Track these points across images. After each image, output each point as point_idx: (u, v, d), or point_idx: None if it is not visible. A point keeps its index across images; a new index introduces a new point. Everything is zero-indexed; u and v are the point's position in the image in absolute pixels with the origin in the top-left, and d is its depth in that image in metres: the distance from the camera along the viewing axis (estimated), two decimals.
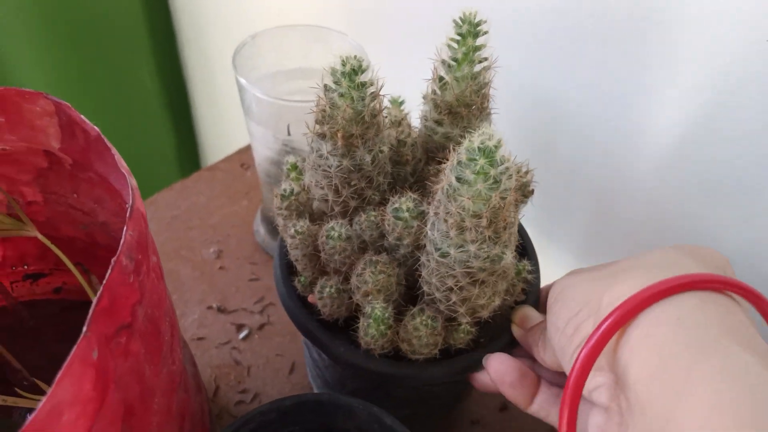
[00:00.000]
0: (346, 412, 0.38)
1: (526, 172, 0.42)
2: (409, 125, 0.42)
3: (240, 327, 0.61)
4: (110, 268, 0.26)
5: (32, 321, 0.48)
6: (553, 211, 0.64)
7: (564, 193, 0.62)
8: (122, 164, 0.32)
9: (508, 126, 0.62)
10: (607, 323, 0.31)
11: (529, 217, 0.66)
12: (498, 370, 0.39)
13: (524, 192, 0.43)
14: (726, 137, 0.46)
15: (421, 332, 0.38)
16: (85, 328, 0.24)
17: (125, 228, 0.28)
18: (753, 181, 0.46)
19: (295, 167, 0.44)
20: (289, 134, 0.54)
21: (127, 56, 1.10)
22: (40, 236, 0.40)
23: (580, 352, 0.32)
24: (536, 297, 0.44)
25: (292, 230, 0.40)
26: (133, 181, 0.31)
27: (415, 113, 0.44)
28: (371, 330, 0.38)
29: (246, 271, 0.66)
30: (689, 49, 0.45)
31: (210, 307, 0.62)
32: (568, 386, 0.32)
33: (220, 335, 0.60)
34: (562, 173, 0.60)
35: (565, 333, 0.34)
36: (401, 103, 0.44)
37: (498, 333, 0.42)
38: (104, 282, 0.26)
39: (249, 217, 0.71)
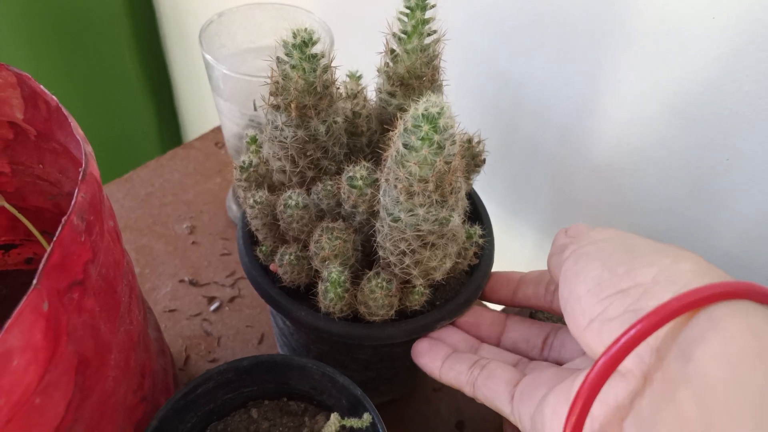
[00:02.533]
0: (300, 373, 0.40)
1: (478, 142, 0.44)
2: (365, 98, 0.44)
3: (211, 299, 0.63)
4: (61, 226, 0.28)
5: (4, 290, 0.49)
6: (518, 187, 0.66)
7: (527, 171, 0.64)
8: (78, 131, 0.33)
9: (472, 104, 0.63)
10: (645, 323, 0.27)
11: (495, 194, 0.67)
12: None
13: (476, 161, 0.44)
14: (677, 115, 0.47)
15: (376, 294, 0.40)
16: (35, 281, 0.26)
17: (77, 190, 0.29)
18: (702, 156, 0.47)
19: (254, 140, 0.45)
20: (255, 110, 0.55)
21: (106, 35, 1.10)
22: (7, 206, 0.42)
23: (615, 344, 0.28)
24: (490, 261, 0.45)
25: (251, 200, 0.42)
26: (87, 147, 0.32)
27: (374, 87, 0.45)
28: (329, 294, 0.40)
29: (218, 246, 0.67)
30: (641, 29, 0.46)
31: (182, 281, 0.64)
32: (588, 377, 0.28)
33: (192, 307, 0.62)
34: (525, 152, 0.62)
35: (587, 301, 0.31)
36: (359, 77, 0.45)
37: (452, 295, 0.44)
38: (54, 239, 0.27)
39: (222, 194, 0.72)
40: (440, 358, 0.41)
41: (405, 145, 0.34)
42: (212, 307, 0.62)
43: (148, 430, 0.36)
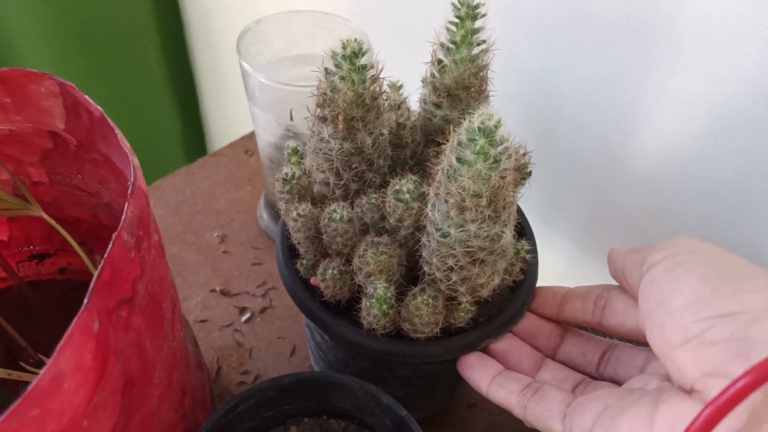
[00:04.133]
0: (342, 390, 0.39)
1: (524, 154, 0.43)
2: (408, 109, 0.43)
3: (242, 310, 0.62)
4: (111, 242, 0.27)
5: (38, 300, 0.49)
6: (553, 198, 0.64)
7: (563, 180, 0.62)
8: (125, 143, 0.32)
9: (508, 112, 0.62)
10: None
11: (528, 204, 0.66)
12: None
13: (522, 173, 0.43)
14: (724, 127, 0.46)
15: (422, 311, 0.39)
16: (86, 300, 0.25)
17: (126, 204, 0.28)
18: (749, 172, 0.46)
19: (296, 151, 0.44)
20: (291, 119, 0.54)
21: (134, 44, 1.10)
22: (45, 216, 0.41)
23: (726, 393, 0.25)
24: (534, 277, 0.44)
25: (295, 213, 0.41)
26: (135, 160, 0.31)
27: (415, 97, 0.44)
28: (373, 310, 0.39)
29: (249, 255, 0.67)
30: (690, 37, 0.45)
31: (213, 290, 0.63)
32: (700, 417, 0.26)
33: (223, 318, 0.61)
34: (562, 161, 0.61)
35: (683, 317, 0.29)
36: (400, 87, 0.44)
37: (497, 312, 0.43)
38: (105, 256, 0.26)
39: (252, 203, 0.72)
40: (490, 374, 0.40)
41: (458, 159, 0.33)
42: (244, 318, 0.61)
43: None
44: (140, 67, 1.14)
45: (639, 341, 0.39)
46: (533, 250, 0.45)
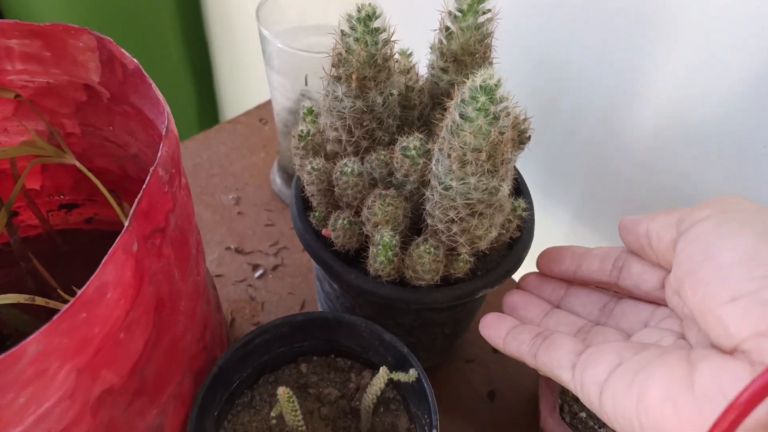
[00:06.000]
0: (349, 330, 0.42)
1: (524, 120, 0.46)
2: (416, 73, 0.46)
3: (255, 267, 0.65)
4: (148, 176, 0.30)
5: (66, 247, 0.52)
6: (553, 170, 0.67)
7: (563, 153, 0.65)
8: (157, 92, 0.35)
9: (510, 82, 0.65)
10: None
11: (530, 176, 0.69)
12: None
13: (521, 138, 0.46)
14: (719, 100, 0.48)
15: (424, 259, 0.42)
16: (127, 223, 0.28)
17: (161, 145, 0.31)
18: (741, 144, 0.49)
19: (311, 111, 0.47)
20: (306, 84, 0.57)
21: (149, 13, 1.13)
22: (78, 164, 0.44)
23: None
24: (530, 234, 0.47)
25: (309, 167, 0.44)
26: (167, 108, 0.34)
27: (423, 64, 0.47)
28: (380, 257, 0.42)
29: (262, 217, 0.70)
30: (688, 14, 0.47)
31: (228, 248, 0.66)
32: (753, 384, 0.25)
33: (237, 273, 0.64)
34: (563, 134, 0.64)
35: (735, 274, 0.28)
36: (410, 54, 0.47)
37: (494, 266, 0.46)
38: (143, 187, 0.29)
39: (266, 168, 0.75)
40: (505, 330, 0.41)
41: (461, 116, 0.36)
42: (256, 274, 0.65)
43: (209, 375, 0.38)
44: (155, 38, 1.17)
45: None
46: (530, 209, 0.48)
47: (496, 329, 0.42)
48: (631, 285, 0.39)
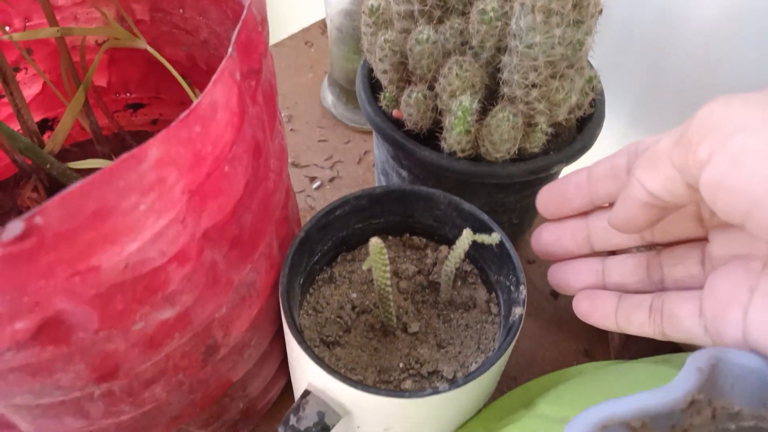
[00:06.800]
0: (426, 203, 0.42)
1: None
2: None
3: (312, 179, 0.65)
4: (244, 11, 0.30)
5: (134, 145, 0.52)
6: (607, 72, 0.66)
7: (618, 54, 0.64)
8: None
9: None
10: None
11: None
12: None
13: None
14: None
15: (503, 127, 0.41)
16: (230, 50, 0.28)
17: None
18: None
19: None
20: None
21: None
22: (149, 48, 0.44)
23: None
24: (602, 110, 0.47)
25: (382, 39, 0.43)
26: None
27: None
28: (458, 127, 0.42)
29: (315, 133, 0.70)
30: None
31: None
32: None
33: (296, 185, 0.64)
34: (617, 33, 0.62)
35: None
36: None
37: (566, 144, 0.46)
38: (241, 19, 0.29)
39: (315, 88, 0.74)
40: (610, 310, 0.38)
41: None
42: (314, 186, 0.65)
43: (297, 238, 0.38)
44: None
45: None
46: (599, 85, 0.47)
47: (601, 314, 0.38)
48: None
